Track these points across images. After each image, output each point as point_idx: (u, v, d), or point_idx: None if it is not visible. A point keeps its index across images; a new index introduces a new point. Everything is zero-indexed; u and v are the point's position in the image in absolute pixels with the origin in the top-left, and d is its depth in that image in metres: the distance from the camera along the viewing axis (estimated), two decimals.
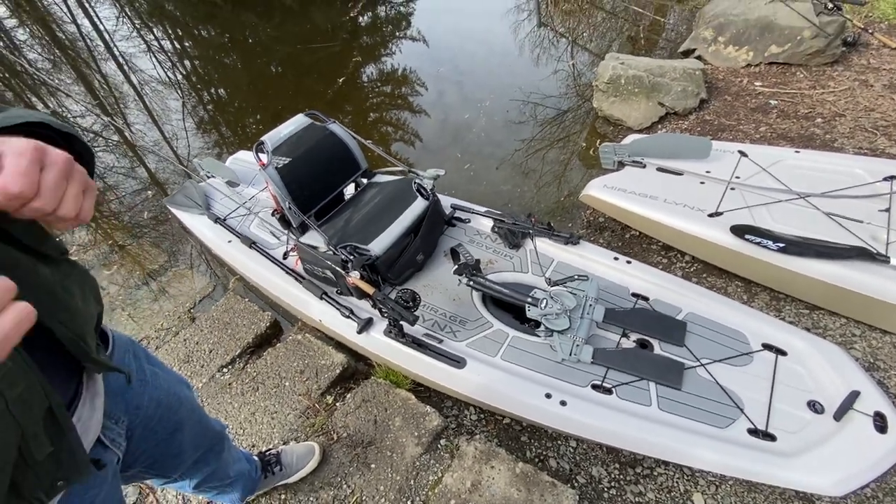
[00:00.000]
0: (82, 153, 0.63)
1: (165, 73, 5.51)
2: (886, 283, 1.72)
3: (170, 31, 6.66)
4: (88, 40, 6.44)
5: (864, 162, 2.20)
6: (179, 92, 5.13)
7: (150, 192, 3.63)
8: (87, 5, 7.43)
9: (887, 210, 1.93)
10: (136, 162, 4.03)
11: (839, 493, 1.29)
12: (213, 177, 2.73)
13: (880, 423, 1.36)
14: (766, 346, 1.62)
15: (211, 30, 6.54)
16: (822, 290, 1.86)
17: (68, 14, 7.16)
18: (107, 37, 6.43)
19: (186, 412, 0.98)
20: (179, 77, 5.50)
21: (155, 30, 6.68)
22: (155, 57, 5.84)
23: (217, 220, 2.40)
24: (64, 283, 0.65)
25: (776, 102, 3.19)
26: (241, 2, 6.79)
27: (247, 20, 6.39)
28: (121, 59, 5.83)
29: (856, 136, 2.77)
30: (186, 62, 5.88)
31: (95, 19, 6.95)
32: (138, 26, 6.75)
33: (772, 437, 1.40)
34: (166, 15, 7.11)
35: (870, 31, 3.56)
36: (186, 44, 6.36)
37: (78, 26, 6.81)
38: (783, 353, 1.60)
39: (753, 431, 1.42)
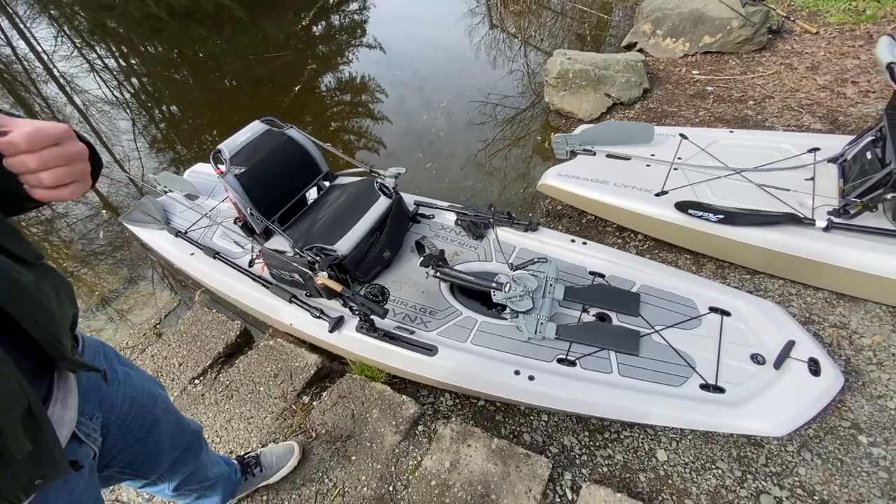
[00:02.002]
0: (95, 165, 0.71)
1: (112, 92, 5.34)
2: (813, 244, 1.89)
3: (114, 49, 6.45)
4: (25, 63, 6.16)
5: (791, 137, 2.41)
6: (128, 111, 4.99)
7: (104, 212, 3.52)
8: (21, 27, 7.10)
9: (812, 178, 2.12)
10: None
11: (783, 433, 1.42)
12: (170, 191, 2.69)
13: (814, 367, 1.51)
14: (713, 309, 1.75)
15: (158, 46, 6.37)
16: (760, 255, 2.02)
17: (2, 37, 6.84)
18: (45, 58, 6.17)
19: (161, 410, 1.00)
20: (127, 96, 5.34)
21: (97, 48, 6.45)
22: (99, 76, 5.64)
23: (178, 233, 2.37)
24: (39, 285, 0.67)
25: (712, 88, 3.41)
26: (188, 15, 6.65)
27: (196, 34, 6.27)
28: (62, 81, 5.62)
29: (784, 115, 3.00)
30: (134, 80, 5.71)
31: (32, 40, 6.66)
32: (79, 45, 6.51)
33: (721, 390, 1.52)
34: (109, 32, 6.88)
35: (791, 18, 3.86)
36: (133, 61, 6.16)
37: (13, 48, 6.51)
38: (727, 314, 1.73)
39: (705, 386, 1.54)
